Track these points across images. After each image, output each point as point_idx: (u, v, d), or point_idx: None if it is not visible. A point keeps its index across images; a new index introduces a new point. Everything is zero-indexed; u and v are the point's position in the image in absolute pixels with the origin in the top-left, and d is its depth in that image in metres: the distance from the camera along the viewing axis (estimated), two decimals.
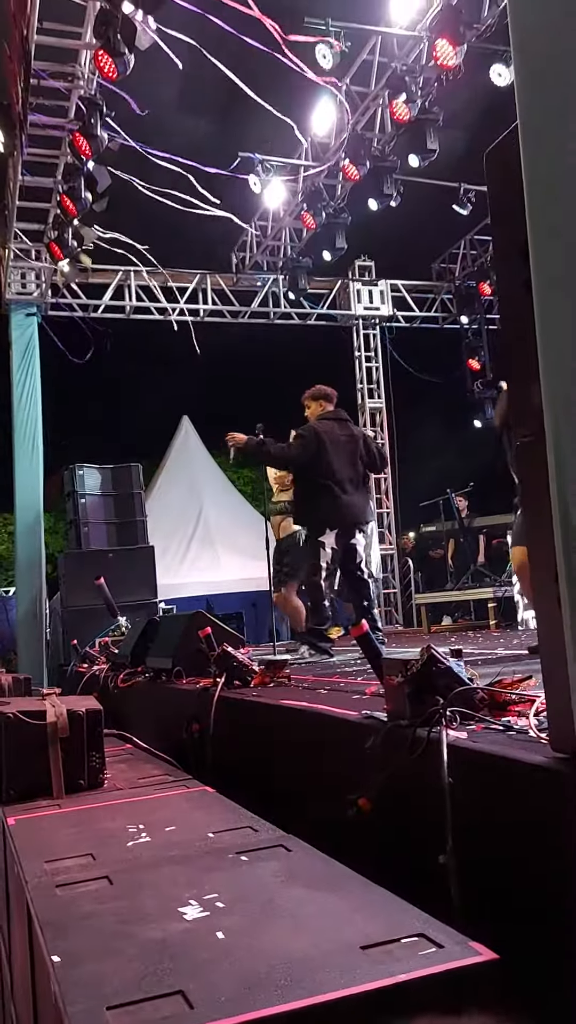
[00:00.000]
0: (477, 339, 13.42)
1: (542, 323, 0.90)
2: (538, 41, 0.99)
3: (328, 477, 5.68)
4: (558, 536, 0.86)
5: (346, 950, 1.32)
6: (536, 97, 0.94)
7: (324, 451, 5.69)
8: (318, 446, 5.69)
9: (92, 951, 1.41)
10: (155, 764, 3.37)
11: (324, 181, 9.98)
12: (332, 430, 5.85)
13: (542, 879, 1.49)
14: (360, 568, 5.94)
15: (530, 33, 1.01)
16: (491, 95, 7.68)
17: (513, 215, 1.60)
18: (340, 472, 5.71)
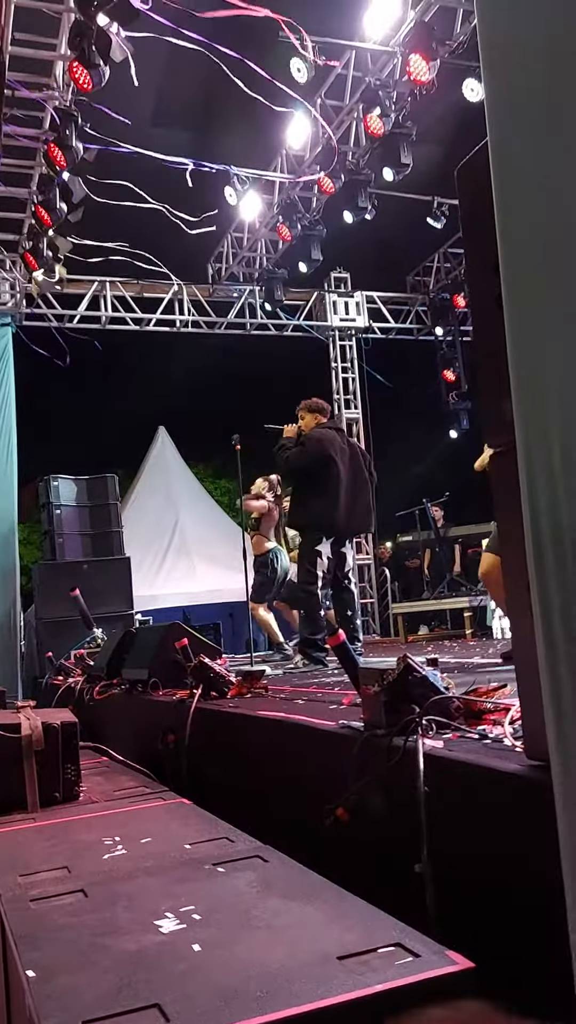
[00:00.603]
0: (452, 351, 13.53)
1: (512, 336, 0.92)
2: (507, 59, 1.01)
3: (334, 483, 5.72)
4: (529, 546, 0.88)
5: (322, 961, 1.32)
6: (505, 115, 0.95)
7: (329, 459, 5.73)
8: (324, 453, 5.74)
9: (67, 965, 1.40)
10: (131, 776, 3.35)
11: (299, 193, 10.05)
12: (335, 439, 5.91)
13: (518, 887, 1.49)
14: (348, 577, 5.99)
15: (499, 51, 1.03)
16: (464, 110, 7.76)
17: (484, 230, 1.62)
18: (344, 480, 5.76)
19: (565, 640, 0.82)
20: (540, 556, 0.86)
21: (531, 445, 0.88)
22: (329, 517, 5.73)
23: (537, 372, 0.89)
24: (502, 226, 0.91)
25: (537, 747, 1.53)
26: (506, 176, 0.92)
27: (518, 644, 1.62)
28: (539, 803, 1.45)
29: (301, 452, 5.82)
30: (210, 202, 9.47)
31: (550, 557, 0.84)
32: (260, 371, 14.74)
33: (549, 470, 0.85)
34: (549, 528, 0.84)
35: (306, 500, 5.88)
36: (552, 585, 0.85)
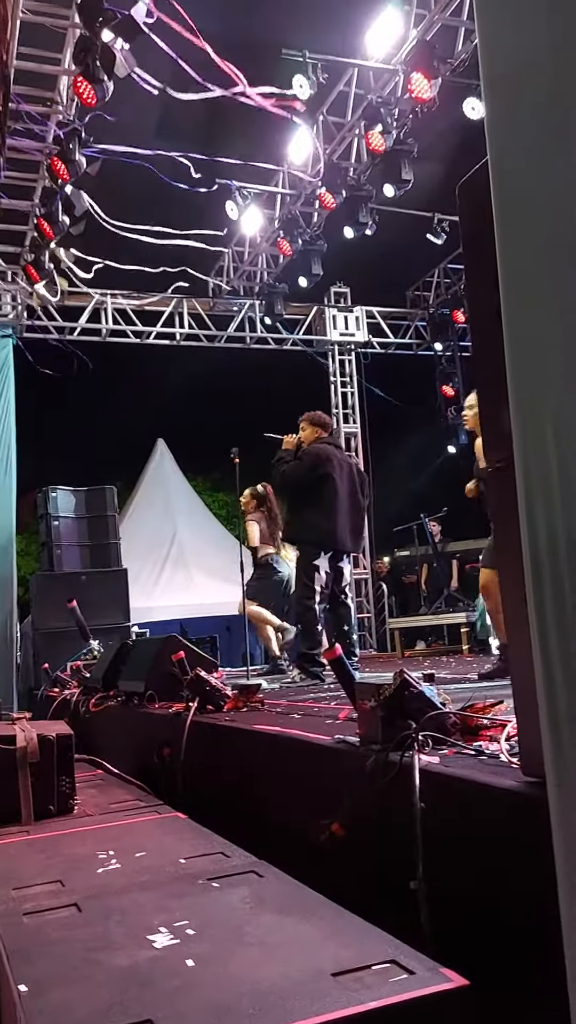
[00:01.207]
0: (451, 366, 13.56)
1: (511, 352, 0.92)
2: (507, 77, 1.02)
3: (333, 498, 5.72)
4: (526, 560, 0.88)
5: (317, 977, 1.31)
6: (505, 133, 0.96)
7: (327, 474, 5.74)
8: (321, 468, 5.74)
9: (59, 979, 1.39)
10: (126, 789, 3.33)
11: (300, 209, 10.10)
12: (334, 455, 5.92)
13: (514, 904, 1.49)
14: (344, 592, 5.99)
15: (500, 69, 1.04)
16: (465, 128, 7.82)
17: (484, 247, 1.63)
18: (341, 495, 5.76)
19: (561, 655, 0.82)
20: (537, 570, 0.86)
21: (529, 460, 0.88)
22: (326, 532, 5.72)
23: (535, 388, 0.89)
24: (502, 242, 0.92)
25: (533, 764, 1.53)
26: (506, 193, 0.92)
27: (515, 660, 1.62)
28: (535, 820, 1.45)
29: (298, 466, 5.83)
30: (213, 216, 9.54)
31: (547, 571, 0.85)
32: (259, 385, 14.78)
33: (547, 485, 0.85)
34: (546, 542, 0.84)
35: (303, 515, 5.87)
36: (549, 599, 0.85)
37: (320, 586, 5.70)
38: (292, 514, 6.06)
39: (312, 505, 5.78)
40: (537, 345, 0.90)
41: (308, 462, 5.81)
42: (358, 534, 6.04)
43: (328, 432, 6.22)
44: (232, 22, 6.83)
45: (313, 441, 6.04)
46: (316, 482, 5.74)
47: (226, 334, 12.62)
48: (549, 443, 0.85)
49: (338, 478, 5.76)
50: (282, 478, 5.97)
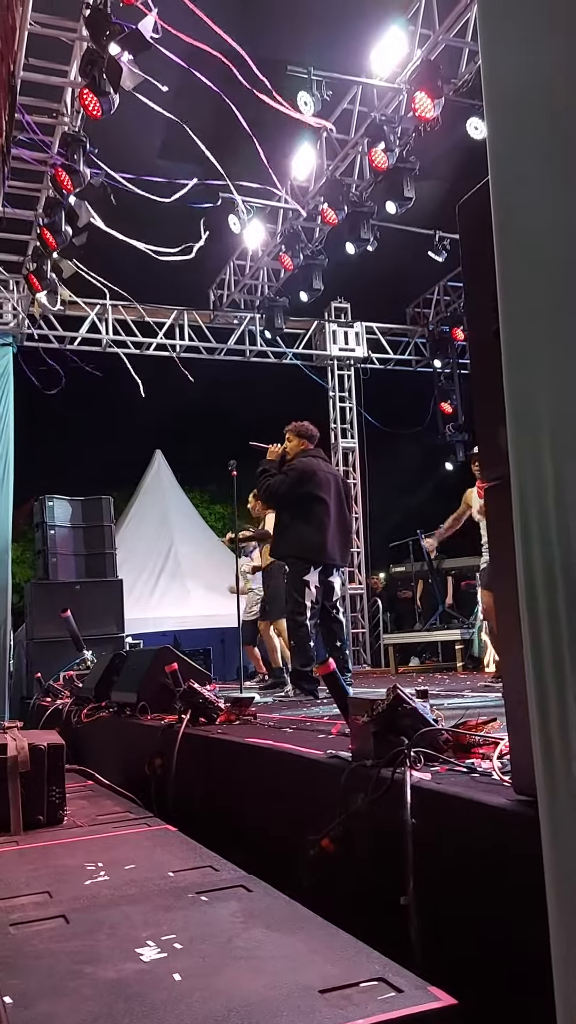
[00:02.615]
0: (450, 383, 13.61)
1: (508, 372, 0.93)
2: (509, 97, 1.03)
3: (321, 512, 5.68)
4: (521, 580, 0.88)
5: (304, 993, 1.30)
6: (507, 152, 0.97)
7: (317, 485, 5.71)
8: (308, 483, 5.71)
9: (45, 992, 1.38)
10: (116, 801, 3.32)
11: (303, 224, 10.15)
12: (321, 467, 5.89)
13: (504, 922, 1.48)
14: (335, 607, 5.94)
15: (501, 89, 1.05)
16: (468, 147, 7.88)
17: (484, 266, 1.65)
18: (331, 509, 5.73)
19: (555, 673, 0.83)
20: (532, 590, 0.87)
21: (525, 477, 0.89)
22: (316, 546, 5.68)
23: (531, 404, 0.90)
24: (501, 260, 0.93)
25: (525, 782, 1.53)
26: (506, 211, 0.93)
27: (508, 679, 1.62)
28: (526, 838, 1.44)
29: (283, 480, 5.76)
30: (214, 230, 9.59)
31: (541, 592, 0.85)
32: (258, 398, 14.80)
33: (541, 506, 0.86)
34: (541, 563, 0.85)
35: (291, 529, 5.80)
36: (543, 617, 0.85)
37: (311, 601, 5.67)
38: (279, 529, 5.97)
39: (300, 520, 5.73)
40: (535, 365, 0.90)
41: (294, 476, 5.75)
42: (346, 547, 6.00)
43: (314, 444, 6.14)
44: (238, 39, 6.88)
45: (298, 453, 5.97)
46: (303, 497, 5.69)
47: (226, 347, 12.67)
48: (545, 460, 0.85)
49: (325, 492, 5.72)
50: (267, 492, 5.90)
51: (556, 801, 0.84)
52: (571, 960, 0.78)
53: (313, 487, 5.70)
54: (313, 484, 5.71)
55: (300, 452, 5.99)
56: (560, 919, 0.84)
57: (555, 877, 0.85)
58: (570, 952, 0.79)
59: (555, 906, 0.84)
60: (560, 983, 0.82)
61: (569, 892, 0.83)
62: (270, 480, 5.83)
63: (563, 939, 0.83)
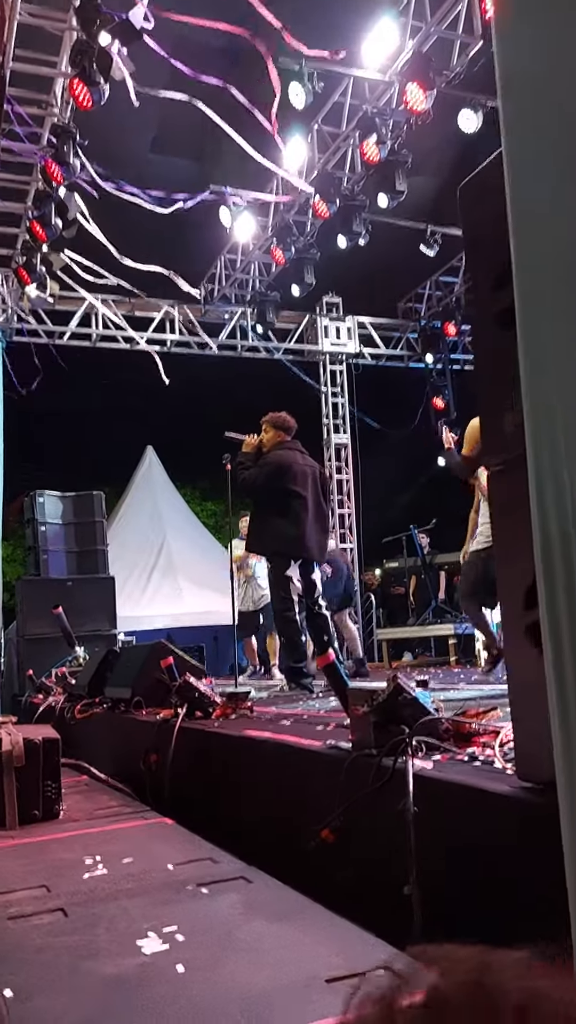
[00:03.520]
0: (441, 378, 13.59)
1: (525, 347, 0.91)
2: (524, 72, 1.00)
3: (297, 507, 5.59)
4: (538, 557, 0.86)
5: (309, 983, 1.29)
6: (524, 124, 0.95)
7: (293, 480, 5.61)
8: (283, 476, 5.62)
9: (45, 986, 1.36)
10: (112, 795, 3.29)
11: (294, 217, 10.12)
12: (297, 460, 5.78)
13: (509, 909, 1.46)
14: (317, 603, 5.83)
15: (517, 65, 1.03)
16: (459, 141, 7.87)
17: (487, 248, 1.63)
18: (308, 502, 5.65)
19: (573, 651, 0.81)
20: (550, 571, 0.85)
21: (541, 458, 0.86)
22: (293, 540, 5.59)
23: (549, 383, 0.88)
24: (516, 234, 0.90)
25: (530, 769, 1.51)
26: (521, 184, 0.91)
27: (512, 666, 1.60)
28: (531, 825, 1.43)
29: (259, 474, 5.66)
30: (205, 224, 9.56)
31: (560, 572, 0.83)
32: (250, 393, 14.76)
33: (558, 483, 0.83)
34: (559, 540, 0.83)
35: (269, 525, 5.70)
36: (561, 598, 0.83)
37: (297, 595, 5.60)
38: (256, 524, 5.86)
39: (276, 515, 5.62)
40: (552, 341, 0.88)
41: (269, 470, 5.65)
42: (324, 542, 5.90)
43: (291, 435, 5.99)
44: (226, 33, 6.84)
45: (275, 445, 5.85)
46: (279, 491, 5.59)
47: (217, 341, 12.62)
48: (560, 441, 0.83)
49: (301, 486, 5.62)
50: (243, 484, 5.79)
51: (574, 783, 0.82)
52: None
53: (289, 481, 5.59)
54: (289, 478, 5.60)
55: (276, 444, 5.85)
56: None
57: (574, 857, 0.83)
58: None
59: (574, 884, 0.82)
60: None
61: None
62: (245, 473, 5.71)
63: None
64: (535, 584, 1.42)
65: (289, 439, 5.95)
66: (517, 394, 1.15)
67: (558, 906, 1.08)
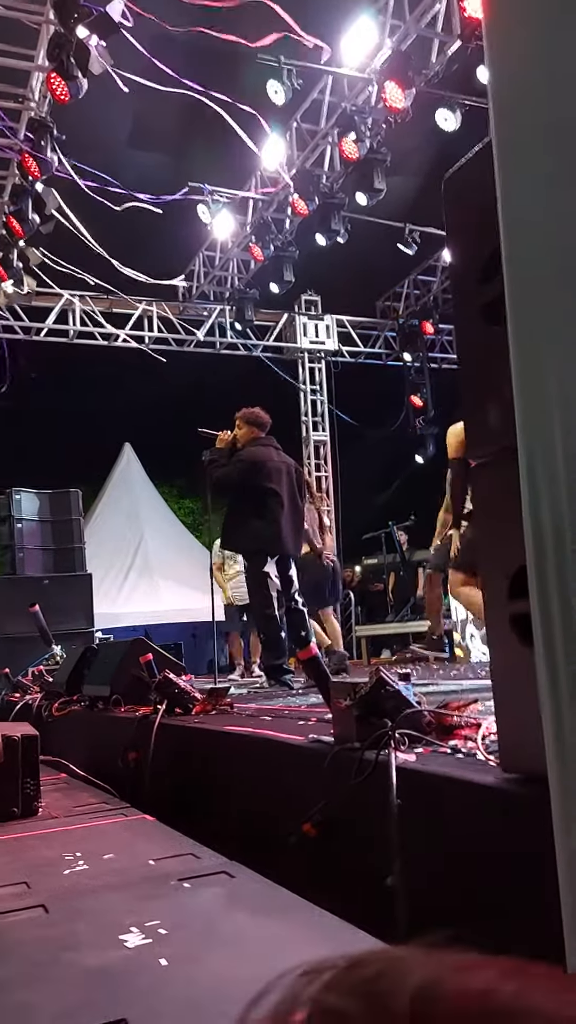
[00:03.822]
0: (420, 376, 13.66)
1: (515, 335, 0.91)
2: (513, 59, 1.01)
3: (272, 504, 5.56)
4: (529, 548, 0.86)
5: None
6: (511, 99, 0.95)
7: (267, 477, 5.58)
8: (259, 471, 5.58)
9: (27, 980, 1.35)
10: (92, 792, 3.27)
11: (273, 215, 10.11)
12: (271, 457, 5.74)
13: (493, 901, 1.47)
14: (294, 599, 5.81)
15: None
16: (438, 141, 7.90)
17: (472, 241, 1.63)
18: (283, 499, 5.63)
19: (565, 641, 0.81)
20: (541, 558, 0.85)
21: (533, 448, 0.87)
22: (269, 538, 5.56)
23: (541, 369, 0.88)
24: (506, 220, 0.91)
25: (514, 760, 1.52)
26: (511, 169, 0.91)
27: (496, 658, 1.61)
28: (516, 816, 1.43)
29: (232, 470, 5.61)
30: (183, 221, 9.52)
31: (551, 559, 0.83)
32: (229, 391, 14.74)
33: (552, 473, 0.84)
34: (551, 529, 0.83)
35: (244, 522, 5.64)
36: (553, 591, 0.83)
37: (276, 592, 5.58)
38: (231, 522, 5.80)
39: (251, 512, 5.59)
40: (544, 328, 0.88)
41: (242, 467, 5.60)
42: (299, 538, 5.88)
43: (265, 432, 5.93)
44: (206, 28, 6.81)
45: (248, 441, 5.79)
46: (253, 488, 5.55)
47: (195, 339, 12.59)
48: (556, 428, 0.83)
49: (276, 483, 5.59)
50: (216, 482, 5.75)
51: (566, 771, 0.82)
52: None
53: (263, 478, 5.56)
54: (263, 475, 5.57)
55: (250, 441, 5.80)
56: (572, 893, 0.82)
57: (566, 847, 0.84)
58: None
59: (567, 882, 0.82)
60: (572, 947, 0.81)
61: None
62: (218, 471, 5.67)
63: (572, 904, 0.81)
64: (519, 574, 1.43)
65: (263, 435, 5.90)
66: (502, 387, 1.16)
67: (543, 895, 1.08)
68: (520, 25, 1.00)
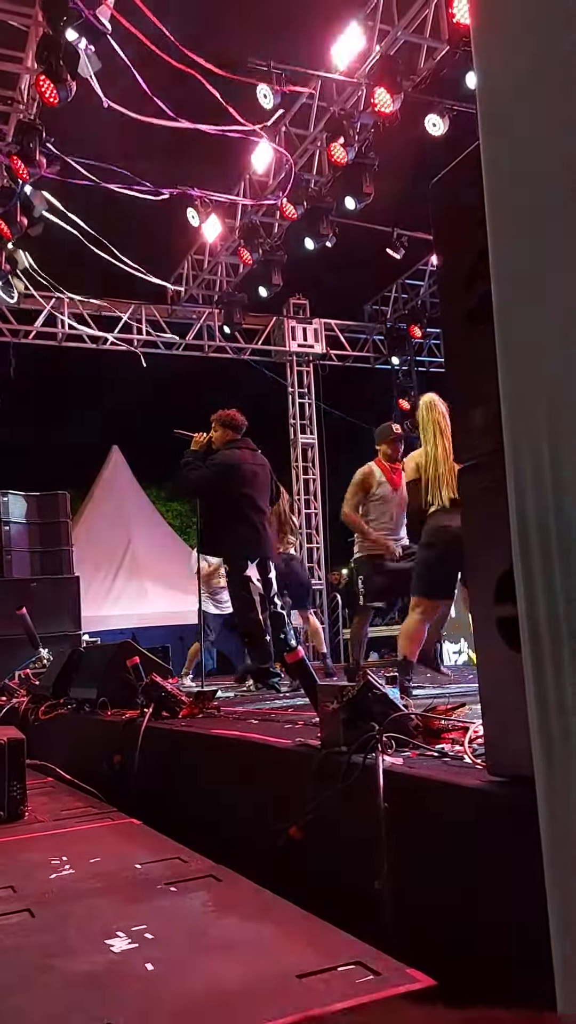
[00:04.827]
0: (408, 379, 13.70)
1: (502, 341, 0.92)
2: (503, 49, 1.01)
3: (248, 507, 5.54)
4: (515, 547, 0.87)
5: (281, 979, 1.28)
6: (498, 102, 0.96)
7: (242, 480, 5.55)
8: (234, 474, 5.55)
9: (14, 986, 1.34)
10: (78, 796, 3.26)
11: (261, 218, 10.12)
12: (248, 459, 5.70)
13: (480, 903, 1.48)
14: (274, 601, 5.79)
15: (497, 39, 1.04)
16: (426, 145, 7.92)
17: (457, 245, 1.64)
18: (258, 502, 5.61)
19: (551, 643, 0.81)
20: (527, 557, 0.85)
21: (520, 450, 0.87)
22: (248, 540, 5.56)
23: (529, 376, 0.88)
24: (493, 225, 0.91)
25: (500, 762, 1.52)
26: (497, 175, 0.92)
27: (484, 661, 1.61)
28: (501, 818, 1.44)
29: (206, 474, 5.57)
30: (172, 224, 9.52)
31: (537, 558, 0.84)
32: (217, 394, 14.74)
33: (537, 472, 0.84)
34: (536, 528, 0.83)
35: (223, 526, 5.63)
36: (540, 594, 0.84)
37: (258, 595, 5.57)
38: (209, 526, 5.79)
39: (229, 515, 5.57)
40: (528, 334, 0.89)
41: (217, 470, 5.56)
42: (273, 538, 5.89)
43: (240, 434, 5.87)
44: (198, 34, 6.82)
45: (224, 444, 5.75)
46: (229, 490, 5.53)
47: (184, 342, 12.58)
48: (542, 428, 0.84)
49: (249, 487, 5.56)
50: (190, 485, 5.73)
51: (553, 777, 0.83)
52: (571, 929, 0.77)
53: (238, 482, 5.53)
54: (238, 478, 5.54)
55: (226, 443, 5.76)
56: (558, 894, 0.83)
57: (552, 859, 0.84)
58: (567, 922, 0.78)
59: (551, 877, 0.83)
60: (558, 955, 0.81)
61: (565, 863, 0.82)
62: (193, 473, 5.63)
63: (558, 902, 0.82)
64: (505, 579, 1.43)
65: (238, 437, 5.85)
66: (489, 389, 1.17)
67: (529, 897, 1.09)
68: (508, 31, 1.01)
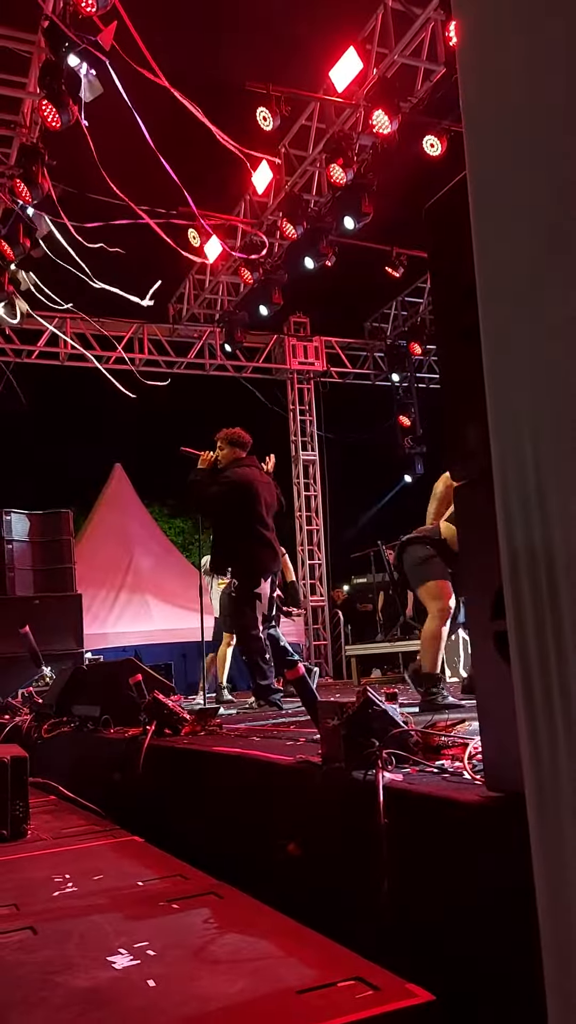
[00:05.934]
0: (408, 396, 13.74)
1: (489, 365, 0.94)
2: (486, 87, 1.04)
3: (259, 524, 5.55)
4: (505, 569, 0.89)
5: (282, 995, 1.29)
6: (484, 141, 0.99)
7: (255, 498, 5.57)
8: (247, 492, 5.56)
9: (17, 1003, 1.35)
10: (81, 814, 3.27)
11: (261, 238, 10.20)
12: (258, 478, 5.72)
13: (480, 919, 1.48)
14: (278, 618, 5.87)
15: (478, 94, 1.07)
16: (424, 164, 8.00)
17: (451, 266, 1.67)
18: (268, 519, 5.62)
19: (540, 664, 0.83)
20: (516, 579, 0.87)
21: (508, 474, 0.89)
22: (259, 559, 5.57)
23: (514, 399, 0.91)
24: (479, 246, 0.94)
25: (498, 778, 1.53)
26: (485, 199, 0.95)
27: (480, 675, 1.63)
28: (500, 833, 1.45)
29: (219, 492, 5.57)
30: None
31: (525, 580, 0.85)
32: (219, 412, 14.79)
33: (523, 496, 0.86)
34: (524, 551, 0.85)
35: (236, 544, 5.62)
36: (528, 613, 0.86)
37: (261, 613, 5.57)
38: (221, 544, 5.75)
39: (243, 533, 5.57)
40: (515, 358, 0.91)
41: (229, 488, 5.56)
42: (277, 554, 5.88)
43: (246, 452, 5.86)
44: (196, 58, 6.90)
45: (231, 462, 5.75)
46: (243, 509, 5.53)
47: (185, 360, 12.66)
48: (528, 455, 0.86)
49: (260, 505, 5.57)
50: (199, 502, 5.74)
51: (543, 790, 0.84)
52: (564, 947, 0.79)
53: (252, 500, 5.55)
54: (252, 496, 5.55)
55: (233, 461, 5.76)
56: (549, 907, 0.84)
57: (542, 863, 0.86)
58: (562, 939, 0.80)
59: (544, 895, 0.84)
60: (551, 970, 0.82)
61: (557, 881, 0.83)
62: (206, 491, 5.63)
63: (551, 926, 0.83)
64: (501, 594, 1.46)
65: (244, 455, 5.86)
66: (483, 408, 1.19)
67: (527, 911, 1.10)
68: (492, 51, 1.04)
